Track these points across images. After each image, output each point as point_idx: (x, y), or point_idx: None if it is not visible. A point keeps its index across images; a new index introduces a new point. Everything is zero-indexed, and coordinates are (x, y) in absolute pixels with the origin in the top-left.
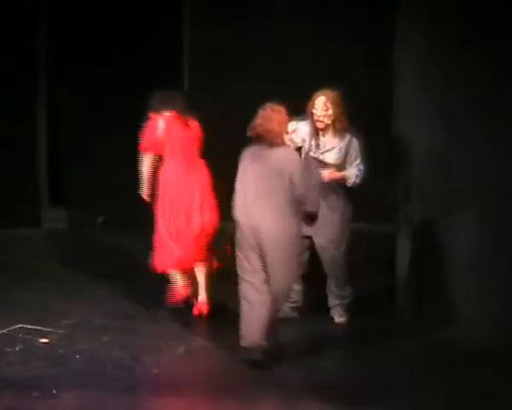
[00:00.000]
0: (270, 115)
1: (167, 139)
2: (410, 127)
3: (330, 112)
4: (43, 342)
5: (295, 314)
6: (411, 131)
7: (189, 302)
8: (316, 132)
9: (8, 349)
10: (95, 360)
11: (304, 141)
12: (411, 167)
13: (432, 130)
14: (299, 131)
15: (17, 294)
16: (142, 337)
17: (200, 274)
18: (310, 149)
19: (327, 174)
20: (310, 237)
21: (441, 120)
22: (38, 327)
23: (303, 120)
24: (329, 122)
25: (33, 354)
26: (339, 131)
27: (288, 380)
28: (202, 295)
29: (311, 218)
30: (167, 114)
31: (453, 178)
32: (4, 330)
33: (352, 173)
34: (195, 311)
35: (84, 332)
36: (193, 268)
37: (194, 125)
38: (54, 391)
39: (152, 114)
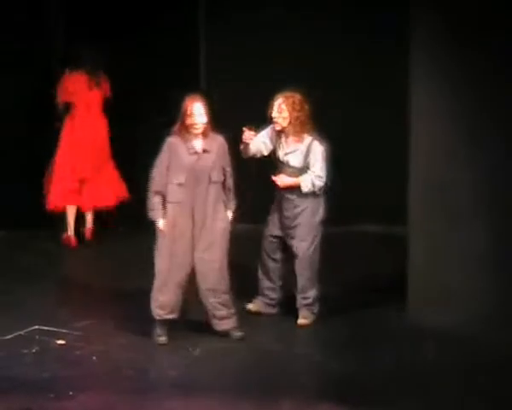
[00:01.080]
0: None
1: (78, 94)
2: (426, 128)
3: (286, 114)
4: (60, 344)
5: (273, 310)
6: (427, 132)
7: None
8: (278, 134)
9: (25, 351)
10: (111, 362)
11: (264, 143)
12: (427, 168)
13: (448, 130)
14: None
15: (32, 295)
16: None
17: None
18: (274, 151)
19: (280, 182)
20: (281, 238)
21: (458, 120)
22: (55, 329)
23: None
24: (285, 124)
25: (49, 356)
26: (294, 135)
27: (301, 382)
28: (89, 224)
29: None
30: (80, 71)
31: (470, 178)
32: (21, 332)
33: (307, 180)
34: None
35: (100, 334)
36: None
37: (105, 84)
38: (70, 393)
39: (68, 71)
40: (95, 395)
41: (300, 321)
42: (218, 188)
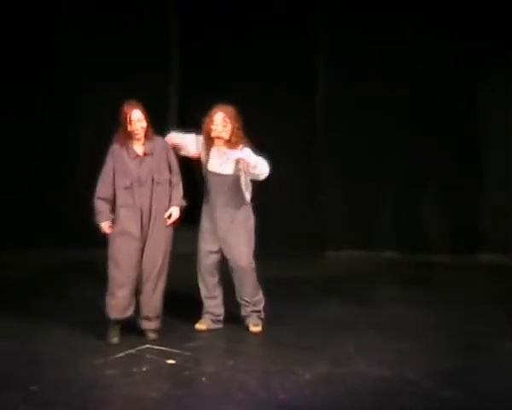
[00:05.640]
0: None
1: None
2: None
3: (229, 127)
4: (170, 364)
5: (219, 326)
6: None
7: None
8: (209, 147)
9: (135, 369)
10: (220, 384)
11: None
12: None
13: None
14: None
15: None
16: (268, 362)
17: None
18: (205, 164)
19: (245, 155)
20: (218, 251)
21: None
22: (165, 348)
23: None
24: (227, 137)
25: (159, 375)
26: (234, 145)
27: (412, 408)
28: None
29: None
30: None
31: None
32: (132, 350)
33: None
34: None
35: (210, 355)
36: None
37: None
38: None
39: None
40: None
41: (253, 329)
42: (163, 189)
